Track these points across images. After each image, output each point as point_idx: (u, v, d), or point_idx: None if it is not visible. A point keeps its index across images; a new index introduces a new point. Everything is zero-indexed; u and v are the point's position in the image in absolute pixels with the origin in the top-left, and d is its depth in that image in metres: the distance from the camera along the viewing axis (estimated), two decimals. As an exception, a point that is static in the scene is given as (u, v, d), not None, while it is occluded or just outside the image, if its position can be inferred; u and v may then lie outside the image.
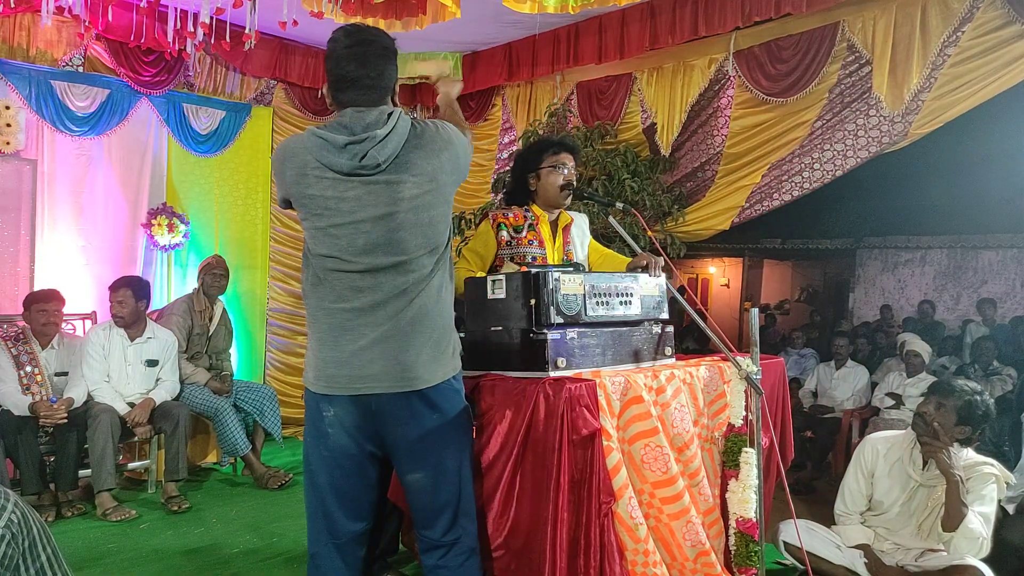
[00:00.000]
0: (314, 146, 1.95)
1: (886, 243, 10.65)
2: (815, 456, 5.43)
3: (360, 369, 1.97)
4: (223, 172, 5.77)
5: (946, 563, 2.74)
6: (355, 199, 1.94)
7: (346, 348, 1.98)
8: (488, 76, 5.90)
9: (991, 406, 2.89)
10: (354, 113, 1.96)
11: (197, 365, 4.69)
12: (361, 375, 1.97)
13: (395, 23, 4.59)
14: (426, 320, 2.00)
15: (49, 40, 4.88)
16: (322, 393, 2.03)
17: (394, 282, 1.97)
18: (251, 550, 3.50)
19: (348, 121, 1.96)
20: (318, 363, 2.03)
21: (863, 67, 4.36)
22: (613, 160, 5.11)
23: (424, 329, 2.00)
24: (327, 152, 1.94)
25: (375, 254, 1.96)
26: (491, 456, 2.25)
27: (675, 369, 2.51)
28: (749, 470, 2.51)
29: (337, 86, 1.99)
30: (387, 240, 1.95)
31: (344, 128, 1.95)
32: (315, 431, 2.09)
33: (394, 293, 1.97)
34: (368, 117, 1.95)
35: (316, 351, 2.05)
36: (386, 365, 1.97)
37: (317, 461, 2.10)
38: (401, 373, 1.98)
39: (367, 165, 1.93)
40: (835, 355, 5.85)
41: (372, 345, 1.97)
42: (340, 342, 1.99)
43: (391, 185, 1.95)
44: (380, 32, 2.02)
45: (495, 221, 2.87)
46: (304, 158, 1.97)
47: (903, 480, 2.98)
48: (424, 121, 2.05)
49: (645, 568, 2.26)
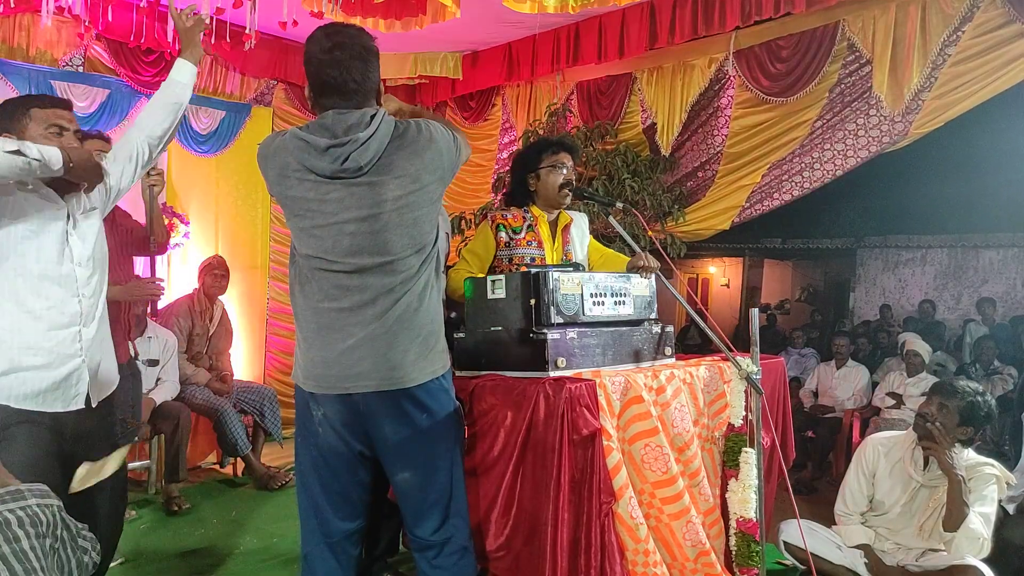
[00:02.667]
0: (295, 148, 1.93)
1: (887, 242, 10.65)
2: (815, 456, 5.42)
3: (348, 368, 1.96)
4: (223, 172, 5.77)
5: (947, 563, 2.74)
6: (337, 201, 1.93)
7: (334, 347, 1.97)
8: (488, 76, 5.90)
9: (993, 406, 2.88)
10: (335, 115, 1.94)
11: (197, 365, 4.69)
12: (349, 374, 1.96)
13: (395, 23, 4.59)
14: (413, 319, 1.99)
15: (49, 40, 4.88)
16: (311, 392, 2.03)
17: (381, 282, 1.96)
18: (251, 551, 3.50)
19: (330, 123, 1.93)
20: (306, 362, 2.03)
21: (863, 67, 4.36)
22: (613, 160, 5.11)
23: (411, 328, 1.99)
24: (308, 155, 1.92)
25: (360, 255, 1.95)
26: (492, 456, 2.25)
27: (675, 369, 2.51)
28: (749, 470, 2.50)
29: (319, 90, 1.97)
30: (372, 241, 1.94)
31: (325, 130, 1.93)
32: (304, 430, 2.10)
33: (381, 292, 1.96)
34: (350, 119, 1.93)
35: (304, 350, 2.04)
36: (374, 364, 1.96)
37: (307, 460, 2.10)
38: (389, 372, 1.96)
39: (349, 168, 1.91)
40: (836, 355, 5.85)
41: (360, 344, 1.96)
42: (328, 341, 1.98)
43: (374, 187, 1.93)
44: (359, 32, 1.99)
45: (494, 222, 2.87)
46: (285, 159, 1.95)
47: (904, 480, 2.97)
48: (407, 121, 2.02)
49: (645, 568, 2.25)
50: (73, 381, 2.06)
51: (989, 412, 2.84)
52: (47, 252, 2.03)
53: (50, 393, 2.02)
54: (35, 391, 2.00)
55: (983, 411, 2.82)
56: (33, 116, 2.08)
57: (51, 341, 2.03)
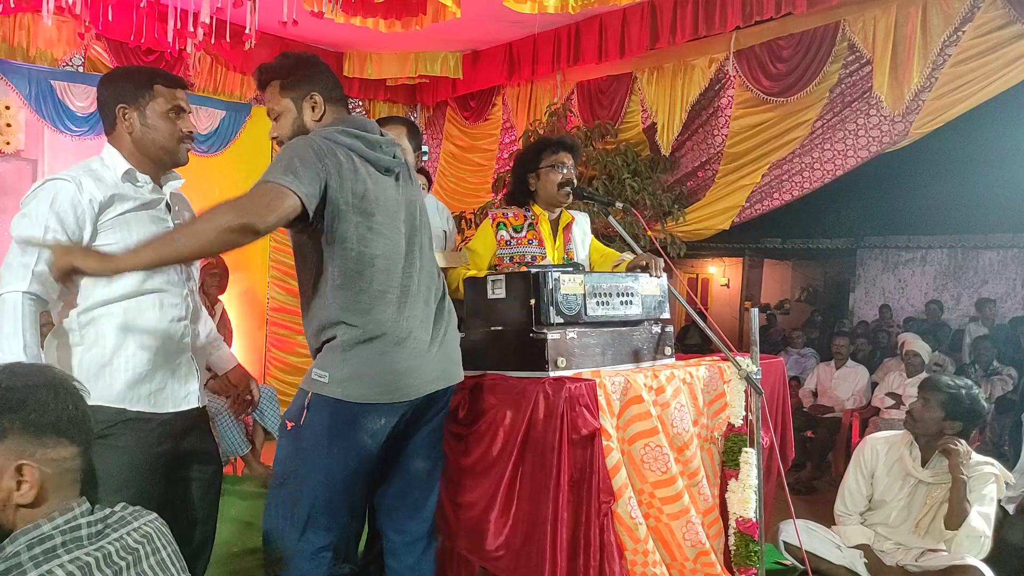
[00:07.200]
0: (347, 143, 1.91)
1: (887, 243, 10.65)
2: (815, 456, 5.42)
3: (432, 370, 1.98)
4: (223, 172, 5.75)
5: (946, 563, 2.74)
6: (394, 199, 1.97)
7: (423, 350, 1.95)
8: (488, 76, 5.90)
9: (979, 400, 2.87)
10: (359, 116, 2.05)
11: (197, 365, 4.69)
12: (433, 377, 1.98)
13: (395, 23, 4.59)
14: (452, 315, 2.10)
15: (49, 40, 4.88)
16: (385, 403, 1.90)
17: (430, 282, 2.04)
18: (251, 550, 3.49)
19: (366, 122, 2.01)
20: (390, 371, 1.89)
21: (864, 67, 4.36)
22: (613, 160, 5.11)
23: (454, 324, 2.11)
24: (365, 147, 1.94)
25: (421, 253, 2.02)
26: (491, 456, 2.25)
27: (675, 369, 2.51)
28: (749, 470, 2.51)
29: (338, 95, 2.03)
30: (415, 241, 2.02)
31: (364, 127, 1.97)
32: (347, 445, 1.90)
33: (435, 292, 2.05)
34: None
35: (388, 360, 1.89)
36: (446, 363, 2.03)
37: (341, 475, 1.91)
38: (453, 368, 2.07)
39: (397, 164, 1.99)
40: (835, 355, 5.85)
41: (439, 345, 2.01)
42: (418, 344, 1.94)
43: (409, 186, 2.04)
44: None
45: (495, 221, 2.87)
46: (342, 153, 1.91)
47: (903, 479, 2.97)
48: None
49: (645, 568, 2.25)
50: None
51: (973, 406, 2.83)
52: None
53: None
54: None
55: (966, 404, 2.81)
56: (157, 92, 1.96)
57: None
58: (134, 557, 1.27)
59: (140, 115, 1.95)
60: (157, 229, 1.96)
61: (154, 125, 1.96)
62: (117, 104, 1.94)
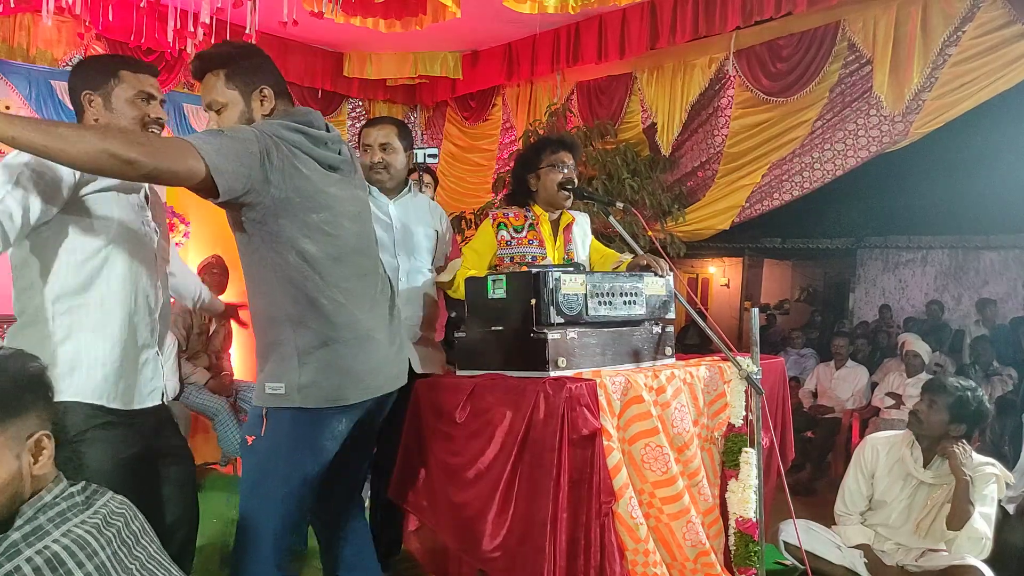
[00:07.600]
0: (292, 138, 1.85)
1: (887, 243, 10.64)
2: (815, 456, 5.42)
3: (391, 369, 2.02)
4: (223, 172, 5.76)
5: (947, 563, 2.73)
6: (337, 197, 1.93)
7: (384, 349, 1.98)
8: (488, 76, 5.89)
9: (984, 402, 2.87)
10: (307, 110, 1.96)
11: (196, 365, 4.68)
12: (393, 375, 2.03)
13: (395, 23, 4.59)
14: (402, 317, 2.21)
15: (49, 40, 4.87)
16: (349, 404, 1.89)
17: (383, 283, 2.08)
18: (251, 550, 3.49)
19: (313, 117, 1.93)
20: (351, 372, 1.88)
21: (864, 66, 4.36)
22: (613, 159, 5.11)
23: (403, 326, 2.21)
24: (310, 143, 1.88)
25: (369, 252, 2.03)
26: (490, 456, 2.25)
27: (675, 369, 2.51)
28: (749, 470, 2.50)
29: (283, 89, 1.97)
30: (366, 240, 2.04)
31: (310, 122, 1.90)
32: (308, 450, 1.89)
33: (386, 292, 2.08)
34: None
35: (350, 360, 1.88)
36: (401, 364, 2.08)
37: (298, 481, 1.91)
38: (404, 368, 2.10)
39: (342, 161, 1.97)
40: (835, 355, 5.85)
41: (395, 342, 2.04)
42: (378, 344, 1.95)
43: (356, 184, 2.04)
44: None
45: (495, 221, 2.87)
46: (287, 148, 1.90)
47: (904, 480, 2.97)
48: None
49: (645, 568, 2.25)
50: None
51: (979, 408, 2.83)
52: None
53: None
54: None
55: (972, 406, 2.81)
56: (122, 78, 1.92)
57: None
58: (123, 520, 1.37)
59: (105, 101, 1.93)
60: (137, 218, 1.97)
61: (119, 110, 1.93)
62: (83, 91, 1.94)
